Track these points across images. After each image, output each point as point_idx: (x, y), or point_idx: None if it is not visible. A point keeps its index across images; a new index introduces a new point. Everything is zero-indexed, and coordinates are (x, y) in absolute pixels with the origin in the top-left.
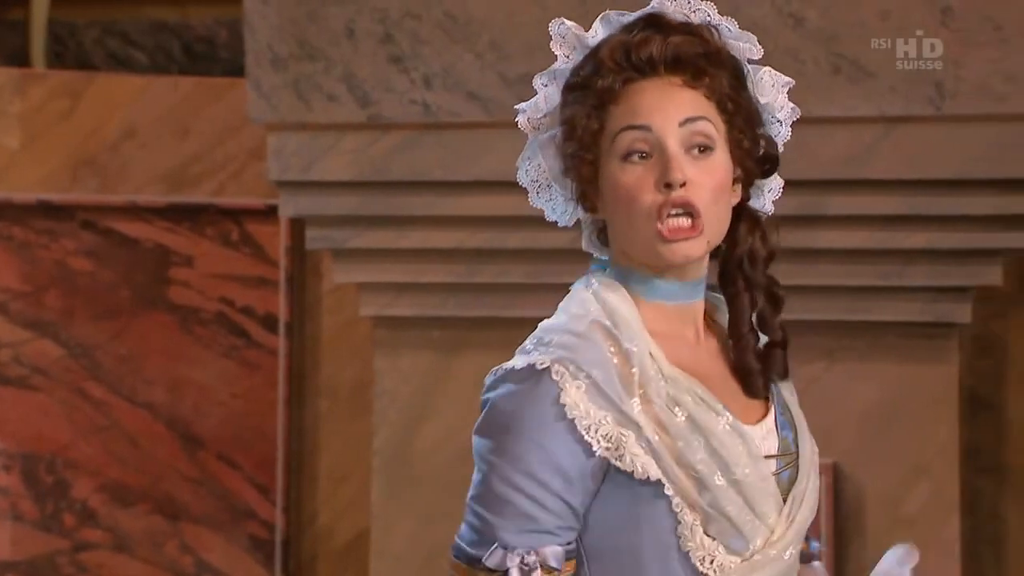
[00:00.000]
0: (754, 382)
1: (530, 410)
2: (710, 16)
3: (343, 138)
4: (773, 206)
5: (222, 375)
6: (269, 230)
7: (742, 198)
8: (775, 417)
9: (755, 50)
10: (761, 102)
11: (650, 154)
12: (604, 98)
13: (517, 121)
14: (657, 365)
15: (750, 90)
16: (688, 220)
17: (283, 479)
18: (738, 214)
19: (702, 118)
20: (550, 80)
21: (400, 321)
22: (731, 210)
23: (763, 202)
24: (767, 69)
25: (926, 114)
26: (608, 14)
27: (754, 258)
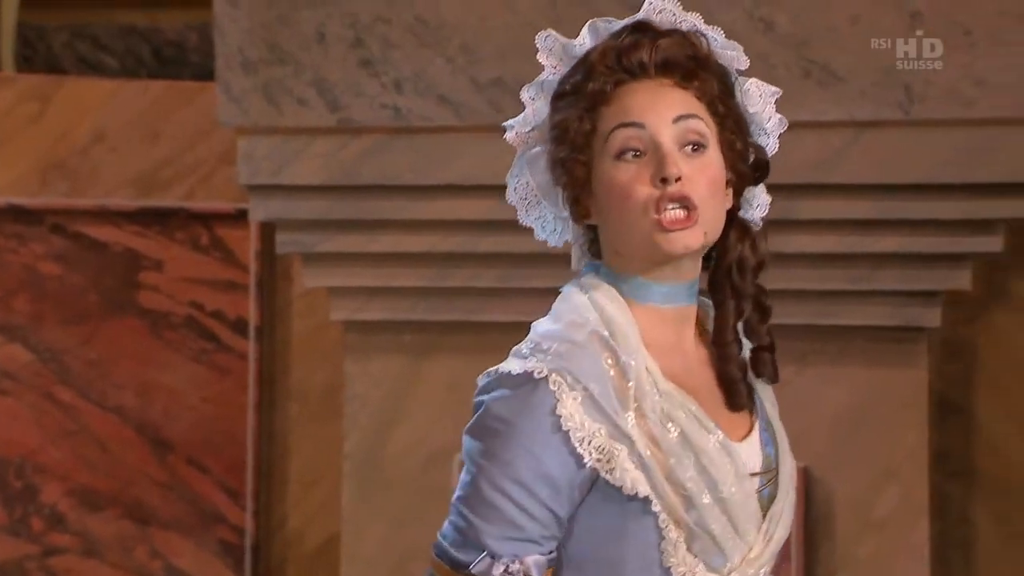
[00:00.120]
0: (737, 392)
1: (525, 418)
2: (696, 25)
3: (313, 142)
4: (761, 222)
5: (192, 379)
6: (239, 234)
7: (733, 206)
8: (759, 433)
9: (742, 60)
10: (749, 111)
11: (644, 152)
12: (595, 100)
13: (505, 136)
14: (653, 379)
15: (738, 99)
16: (684, 212)
17: (253, 483)
18: (728, 222)
19: (694, 116)
20: (538, 93)
21: (371, 325)
22: (725, 212)
23: (751, 216)
24: (754, 80)
25: (895, 118)
26: (595, 22)
27: (743, 266)
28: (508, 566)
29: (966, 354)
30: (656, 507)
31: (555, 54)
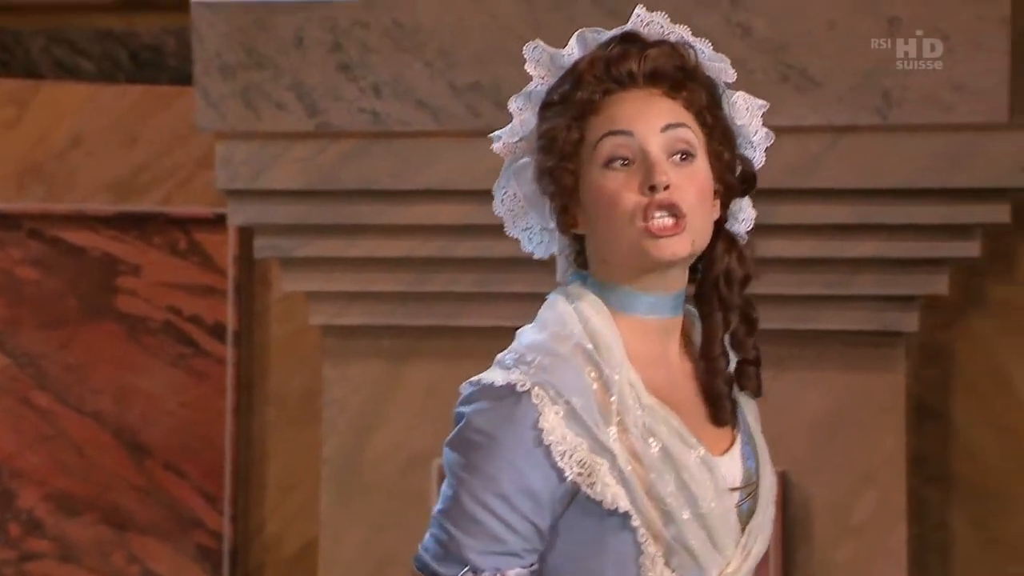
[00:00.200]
0: (722, 407)
1: (507, 431)
2: (684, 37)
3: (292, 147)
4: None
5: (170, 384)
6: (217, 239)
7: (720, 217)
8: (741, 447)
9: (729, 73)
10: (736, 124)
11: (632, 160)
12: (584, 109)
13: (493, 147)
14: (636, 393)
15: (725, 111)
16: (673, 219)
17: (231, 488)
18: (715, 234)
19: (683, 125)
20: (525, 103)
21: (349, 330)
22: (712, 222)
23: (736, 229)
24: (741, 93)
25: (873, 123)
26: (583, 32)
27: (730, 278)
28: None
29: (943, 359)
30: (635, 522)
31: (543, 64)
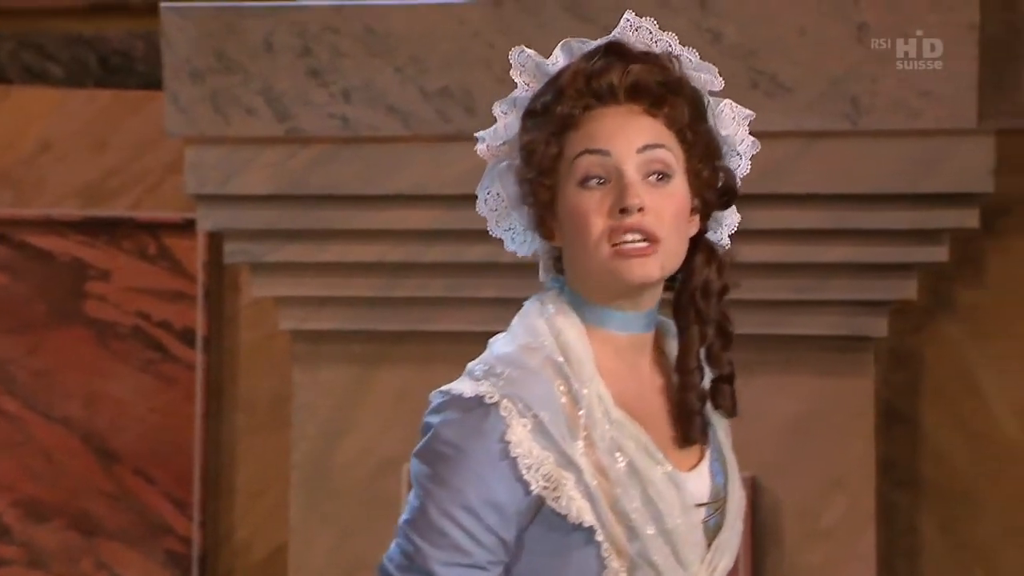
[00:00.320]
0: (692, 423)
1: (474, 443)
2: (671, 46)
3: (261, 152)
4: (729, 241)
5: (139, 389)
6: (187, 244)
7: (700, 229)
8: (709, 463)
9: (716, 82)
10: (721, 134)
11: (607, 179)
12: (563, 124)
13: (476, 148)
14: (604, 407)
15: (710, 122)
16: (645, 243)
17: (200, 493)
18: (695, 245)
19: (661, 146)
20: (509, 108)
21: (319, 335)
22: (688, 240)
23: (720, 235)
24: (728, 102)
25: (843, 129)
26: (569, 42)
27: (708, 291)
28: None
29: (912, 364)
30: (599, 536)
31: (528, 71)
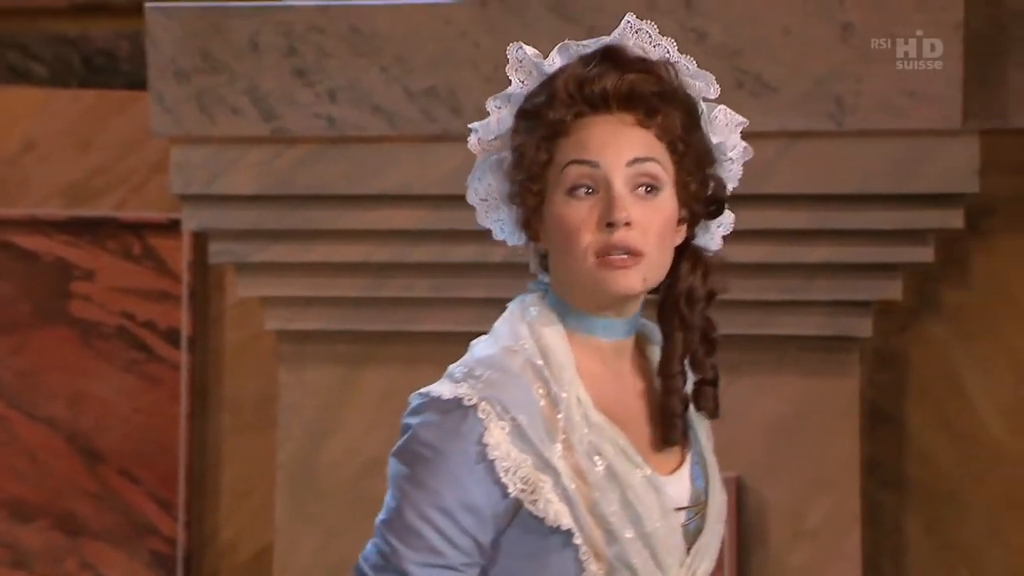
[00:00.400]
0: (674, 427)
1: (452, 445)
2: (668, 52)
3: (247, 152)
4: (722, 241)
5: (123, 390)
6: (171, 244)
7: (687, 236)
8: (690, 467)
9: (711, 89)
10: (714, 141)
11: (596, 190)
12: (555, 130)
13: (468, 140)
14: (584, 410)
15: (703, 129)
16: (627, 256)
17: (185, 494)
18: (681, 252)
19: (650, 159)
20: (504, 103)
21: (305, 335)
22: (673, 251)
23: (711, 238)
24: (722, 108)
25: (827, 129)
26: (567, 44)
27: (692, 298)
28: None
29: (897, 364)
30: (577, 539)
31: (524, 68)
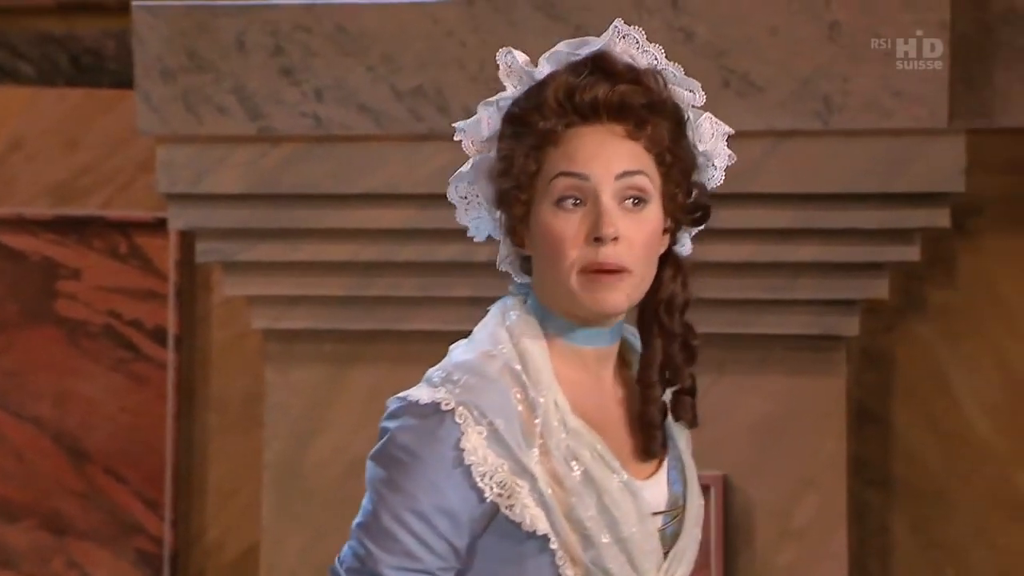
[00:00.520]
0: (652, 436)
1: (429, 450)
2: (657, 60)
3: (233, 151)
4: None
5: (110, 389)
6: (158, 243)
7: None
8: (667, 471)
9: (698, 97)
10: (699, 148)
11: (584, 201)
12: (544, 139)
13: (455, 139)
14: (561, 415)
15: (690, 137)
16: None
17: (172, 493)
18: (663, 260)
19: (639, 172)
20: (494, 107)
21: (291, 334)
22: (657, 262)
23: (687, 235)
24: (707, 116)
25: (814, 128)
26: (557, 51)
27: (672, 305)
28: None
29: (884, 363)
30: (554, 545)
31: (515, 74)
